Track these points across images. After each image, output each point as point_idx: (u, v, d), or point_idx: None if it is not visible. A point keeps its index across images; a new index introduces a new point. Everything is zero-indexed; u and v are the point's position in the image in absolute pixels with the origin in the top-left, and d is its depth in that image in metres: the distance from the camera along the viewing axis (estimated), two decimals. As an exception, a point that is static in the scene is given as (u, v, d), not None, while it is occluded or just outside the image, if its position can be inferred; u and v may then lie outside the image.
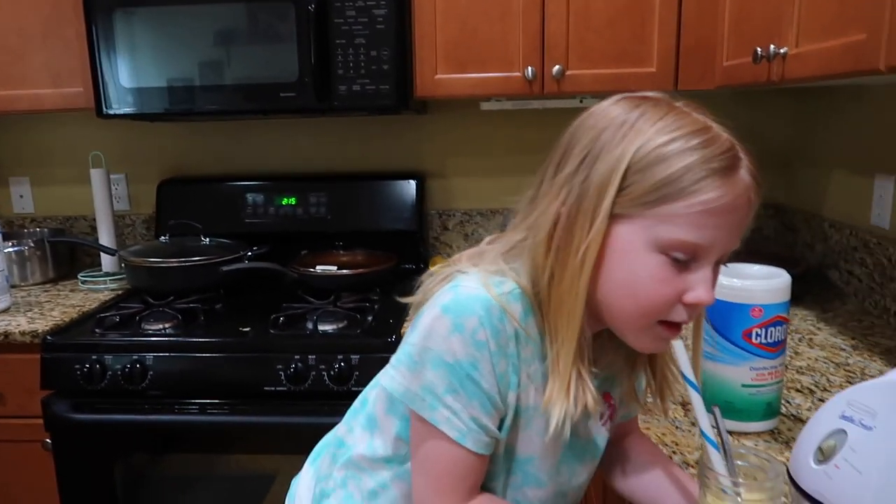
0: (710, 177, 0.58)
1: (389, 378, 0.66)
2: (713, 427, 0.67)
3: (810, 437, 0.68)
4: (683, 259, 0.59)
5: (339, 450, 0.79)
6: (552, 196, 0.63)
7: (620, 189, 0.59)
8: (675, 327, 0.63)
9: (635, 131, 0.60)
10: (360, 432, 0.77)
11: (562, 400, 0.63)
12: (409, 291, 0.73)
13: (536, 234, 0.64)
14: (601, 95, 0.70)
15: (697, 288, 0.60)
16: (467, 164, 1.98)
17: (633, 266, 0.60)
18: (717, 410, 0.64)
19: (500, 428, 0.66)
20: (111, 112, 1.64)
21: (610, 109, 0.63)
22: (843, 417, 0.64)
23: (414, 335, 0.65)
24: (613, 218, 0.60)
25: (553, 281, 0.63)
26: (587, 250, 0.60)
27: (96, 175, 1.85)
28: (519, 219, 0.67)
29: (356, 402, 0.83)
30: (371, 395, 0.78)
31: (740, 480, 0.60)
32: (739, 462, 0.64)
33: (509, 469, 0.70)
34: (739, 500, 0.59)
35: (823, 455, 0.65)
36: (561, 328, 0.63)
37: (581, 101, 1.72)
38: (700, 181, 0.58)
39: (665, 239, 0.59)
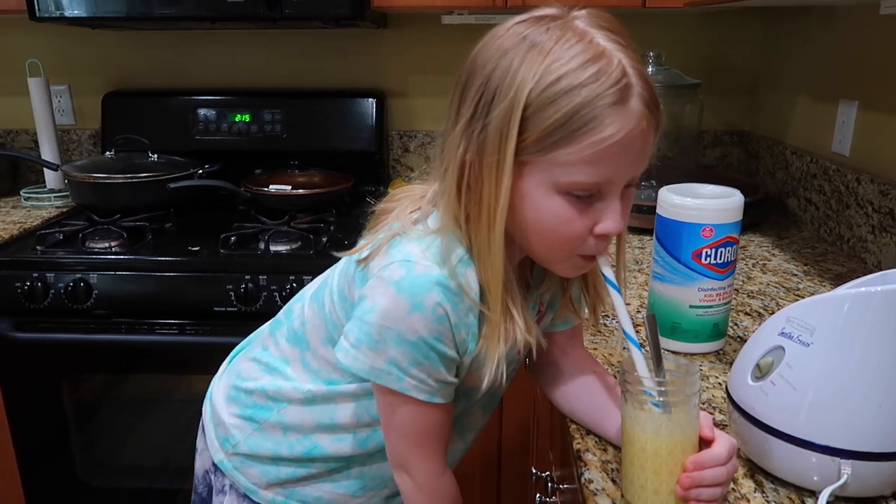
0: (600, 116, 0.56)
1: (352, 358, 0.65)
2: (643, 338, 0.66)
3: (749, 354, 0.67)
4: (587, 195, 0.60)
5: (258, 357, 0.82)
6: (455, 146, 0.62)
7: (518, 136, 0.58)
8: (591, 257, 0.65)
9: (527, 66, 0.57)
10: (284, 344, 0.78)
11: (494, 345, 0.65)
12: (366, 216, 0.73)
13: (449, 187, 0.63)
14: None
15: (605, 220, 0.61)
16: (430, 82, 1.91)
17: (540, 210, 0.61)
18: (650, 318, 0.63)
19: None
20: (45, 15, 1.52)
21: (501, 41, 0.61)
22: (782, 334, 0.63)
23: (371, 315, 0.63)
24: (516, 164, 0.59)
25: (470, 230, 0.63)
26: (495, 201, 0.60)
27: (34, 85, 1.74)
28: (436, 166, 0.67)
29: (281, 314, 0.83)
30: (298, 311, 0.79)
31: (664, 379, 0.60)
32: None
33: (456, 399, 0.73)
34: (659, 399, 0.58)
35: (761, 372, 0.65)
36: (484, 272, 0.63)
37: (547, 18, 1.65)
38: (590, 122, 0.56)
39: (564, 182, 0.59)
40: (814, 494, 0.63)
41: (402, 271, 0.62)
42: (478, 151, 0.60)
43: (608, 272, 0.65)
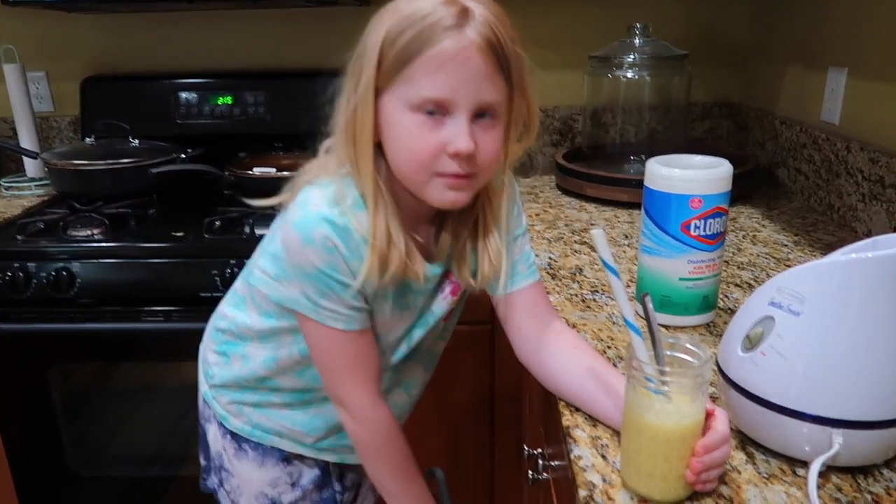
0: (438, 34, 0.65)
1: (274, 289, 0.78)
2: (641, 317, 0.64)
3: (739, 325, 0.66)
4: (435, 112, 0.67)
5: (229, 299, 0.92)
6: (344, 101, 0.72)
7: (378, 68, 0.67)
8: (452, 177, 0.70)
9: (387, 14, 0.68)
10: (241, 286, 0.89)
11: (374, 270, 0.72)
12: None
13: (341, 136, 0.72)
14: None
15: (455, 139, 0.67)
16: (415, 60, 1.88)
17: (399, 129, 0.69)
18: (647, 299, 0.62)
19: None
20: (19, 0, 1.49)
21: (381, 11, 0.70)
22: (772, 304, 0.62)
23: (278, 251, 0.76)
24: (379, 94, 0.69)
25: (358, 158, 0.71)
26: (366, 129, 0.69)
27: (10, 71, 1.70)
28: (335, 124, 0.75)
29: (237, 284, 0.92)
30: (254, 256, 0.86)
31: (667, 369, 0.58)
32: (668, 352, 0.62)
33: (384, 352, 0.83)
34: (665, 388, 0.57)
35: (751, 343, 0.64)
36: (362, 188, 0.71)
37: (532, -9, 1.62)
38: (429, 40, 0.65)
39: (413, 98, 0.67)
40: (805, 465, 0.62)
41: (299, 212, 0.72)
42: (354, 91, 0.70)
43: (606, 255, 0.63)
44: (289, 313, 0.79)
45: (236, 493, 0.93)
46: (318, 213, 0.70)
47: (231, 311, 0.90)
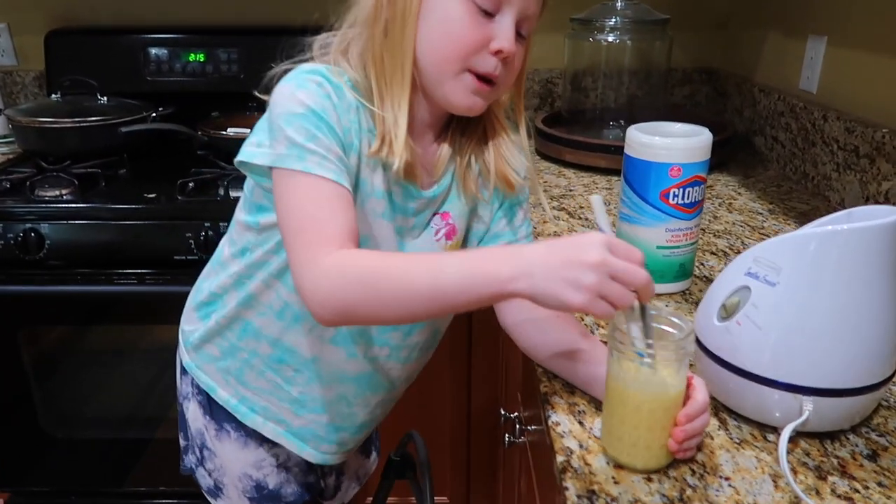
0: None
1: (253, 155, 0.70)
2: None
3: (715, 294, 0.67)
4: (487, 9, 0.67)
5: (210, 263, 0.89)
6: None
7: None
8: (484, 81, 0.70)
9: None
10: (223, 237, 0.86)
11: (386, 150, 0.70)
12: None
13: (363, 22, 0.71)
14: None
15: (500, 37, 0.68)
16: (393, 19, 1.84)
17: (446, 13, 0.68)
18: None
19: None
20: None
21: None
22: (749, 274, 0.63)
23: (265, 117, 0.71)
24: None
25: (386, 48, 0.70)
26: (410, 9, 0.68)
27: (-31, 22, 1.63)
28: (345, 19, 0.74)
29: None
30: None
31: (652, 342, 0.58)
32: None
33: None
34: (649, 361, 0.57)
35: (727, 312, 0.64)
36: (395, 88, 0.70)
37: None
38: None
39: None
40: (775, 430, 0.63)
41: (293, 70, 0.70)
42: None
43: (605, 225, 0.62)
44: (267, 201, 0.74)
45: (219, 472, 0.90)
46: (313, 67, 0.70)
47: (211, 272, 0.88)
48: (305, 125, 0.67)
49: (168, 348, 0.99)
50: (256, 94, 0.76)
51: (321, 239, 0.64)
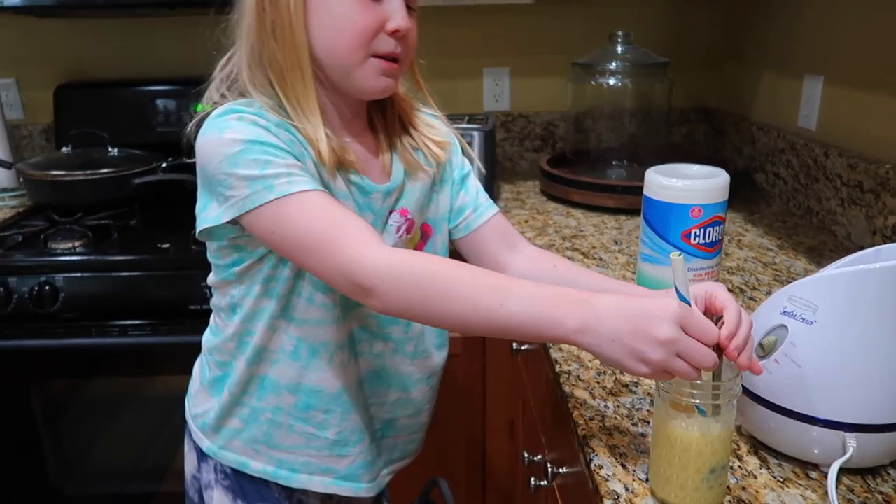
0: None
1: (223, 213, 0.67)
2: None
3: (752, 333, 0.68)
4: None
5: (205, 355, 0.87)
6: (249, 9, 0.71)
7: None
8: (387, 61, 0.71)
9: None
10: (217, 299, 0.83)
11: (320, 155, 0.70)
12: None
13: (249, 31, 0.71)
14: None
15: (394, 16, 0.69)
16: (396, 67, 1.88)
17: (335, 5, 0.68)
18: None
19: None
20: (-11, 5, 1.44)
21: None
22: (784, 313, 0.64)
23: (200, 175, 0.70)
24: None
25: (277, 50, 0.70)
26: (294, 4, 0.68)
27: (-20, 79, 1.65)
28: (236, 38, 0.74)
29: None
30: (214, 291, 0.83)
31: (718, 383, 0.58)
32: None
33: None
34: (712, 405, 0.57)
35: (764, 351, 0.66)
36: (299, 89, 0.70)
37: (515, -2, 1.64)
38: None
39: None
40: (816, 467, 0.64)
41: (205, 125, 0.69)
42: None
43: (683, 285, 0.57)
44: (245, 249, 0.73)
45: None
46: (225, 109, 0.69)
47: (205, 361, 0.86)
48: (253, 157, 0.65)
49: (175, 397, 0.97)
50: (185, 160, 0.76)
51: (352, 239, 0.63)
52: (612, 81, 1.61)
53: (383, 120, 0.82)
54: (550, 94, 1.85)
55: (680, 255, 0.58)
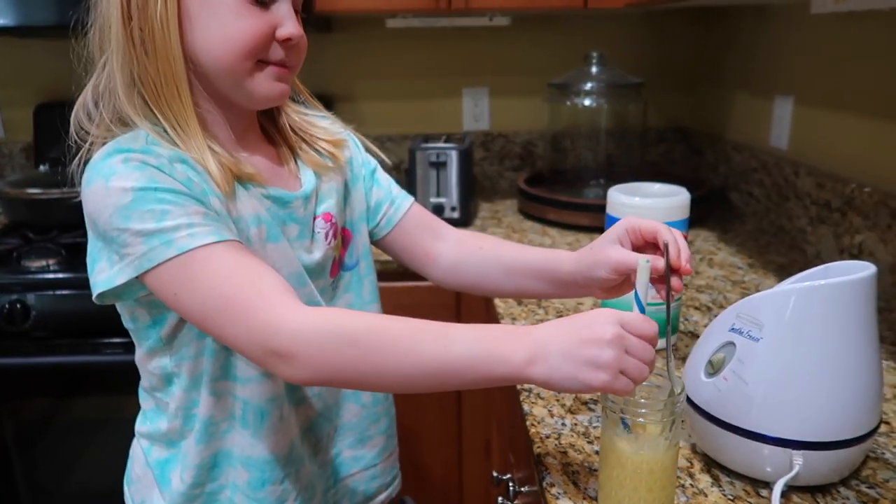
0: None
1: (118, 273, 0.60)
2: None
3: (701, 350, 0.68)
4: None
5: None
6: (111, 18, 0.64)
7: None
8: (282, 67, 0.68)
9: None
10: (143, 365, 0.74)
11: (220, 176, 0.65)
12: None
13: (115, 46, 0.65)
14: (510, 13, 0.68)
15: (285, 23, 0.66)
16: (377, 87, 1.89)
17: (220, 12, 0.63)
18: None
19: None
20: (-32, 25, 1.45)
21: None
22: (732, 330, 0.65)
23: (90, 238, 0.64)
24: None
25: (149, 64, 0.64)
26: (167, 13, 0.62)
27: (-41, 98, 1.66)
28: (99, 53, 0.68)
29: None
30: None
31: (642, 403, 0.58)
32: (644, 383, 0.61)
33: None
34: (630, 433, 0.57)
35: (713, 368, 0.66)
36: (177, 114, 0.64)
37: (491, 20, 1.66)
38: None
39: None
40: (768, 485, 0.64)
41: (87, 171, 0.62)
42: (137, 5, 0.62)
43: (642, 292, 0.60)
44: (163, 305, 0.64)
45: None
46: (105, 152, 0.61)
47: (147, 450, 0.77)
48: (147, 208, 0.58)
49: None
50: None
51: (266, 300, 0.57)
52: (587, 102, 1.63)
53: (276, 128, 0.78)
54: (529, 113, 1.87)
55: (647, 261, 0.59)
